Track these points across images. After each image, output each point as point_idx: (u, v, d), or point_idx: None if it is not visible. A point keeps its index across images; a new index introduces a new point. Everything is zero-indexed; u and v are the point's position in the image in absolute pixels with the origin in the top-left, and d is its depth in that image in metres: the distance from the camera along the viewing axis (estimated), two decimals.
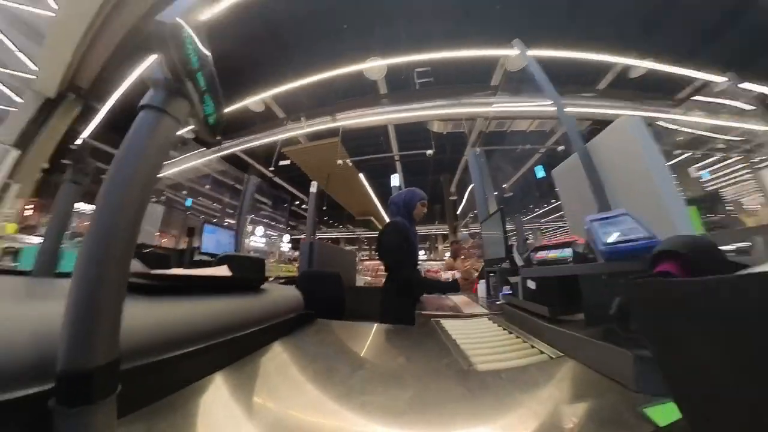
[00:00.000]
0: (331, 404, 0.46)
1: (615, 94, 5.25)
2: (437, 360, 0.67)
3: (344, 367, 0.59)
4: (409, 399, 0.47)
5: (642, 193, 0.90)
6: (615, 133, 1.02)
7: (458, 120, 7.28)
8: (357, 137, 7.80)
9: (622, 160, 0.98)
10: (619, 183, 0.99)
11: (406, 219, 1.65)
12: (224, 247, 3.30)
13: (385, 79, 6.38)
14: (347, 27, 6.16)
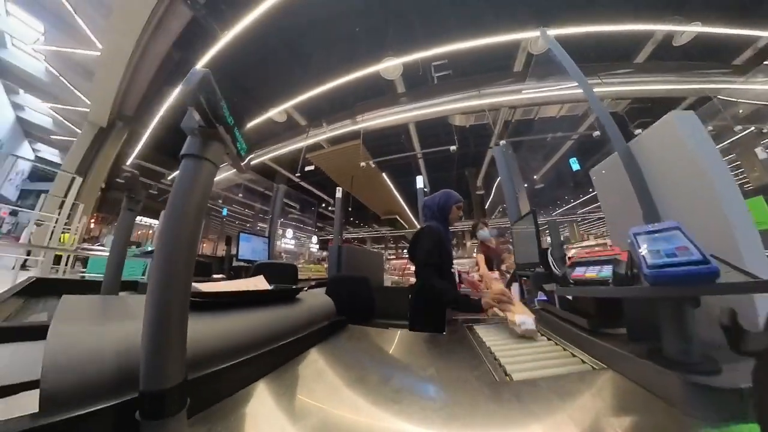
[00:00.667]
0: (367, 411, 0.48)
1: (657, 67, 4.68)
2: (468, 371, 0.65)
3: (375, 376, 0.60)
4: (442, 409, 0.48)
5: (696, 201, 0.78)
6: (663, 130, 0.88)
7: (480, 112, 6.98)
8: (378, 138, 7.82)
9: (673, 162, 0.85)
10: (669, 188, 0.87)
11: (440, 223, 1.60)
12: (259, 254, 3.47)
13: (402, 77, 6.30)
14: (360, 29, 6.18)
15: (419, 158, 8.66)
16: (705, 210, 0.73)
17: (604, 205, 1.27)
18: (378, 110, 7.14)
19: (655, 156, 0.92)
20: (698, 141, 0.78)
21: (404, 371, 0.66)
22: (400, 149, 8.26)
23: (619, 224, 1.13)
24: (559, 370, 0.63)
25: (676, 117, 0.82)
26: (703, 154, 0.76)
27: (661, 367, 0.48)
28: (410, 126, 7.84)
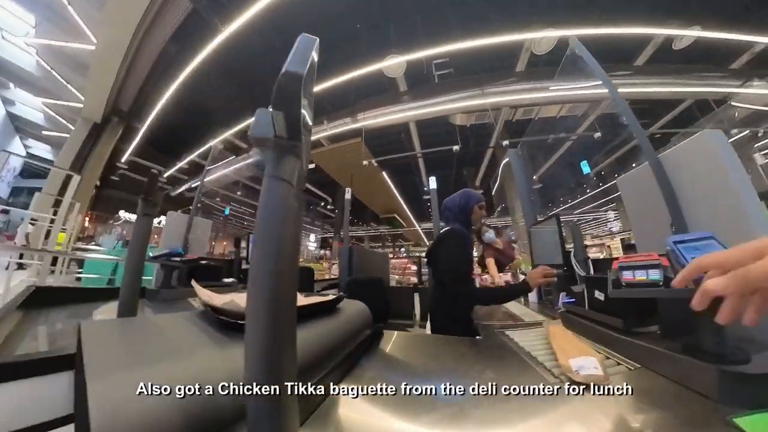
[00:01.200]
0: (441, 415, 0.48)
1: (657, 70, 4.79)
2: (525, 374, 0.67)
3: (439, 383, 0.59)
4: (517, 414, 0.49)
5: (723, 212, 0.84)
6: (695, 146, 0.95)
7: (482, 111, 7.02)
8: (379, 136, 7.79)
9: (703, 176, 0.91)
10: (697, 199, 0.93)
11: (463, 225, 1.51)
12: None
13: (404, 75, 6.29)
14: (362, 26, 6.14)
15: (419, 157, 8.69)
16: (731, 221, 0.80)
17: (630, 212, 1.34)
18: (379, 108, 7.11)
19: (686, 169, 0.98)
20: (728, 157, 0.85)
21: (463, 378, 0.67)
22: (401, 147, 8.26)
23: (645, 230, 1.20)
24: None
25: (708, 135, 0.89)
26: (731, 169, 0.83)
27: (699, 361, 0.53)
28: (411, 125, 7.84)
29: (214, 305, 0.54)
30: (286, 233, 0.28)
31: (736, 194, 0.80)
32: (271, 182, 0.28)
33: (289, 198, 0.28)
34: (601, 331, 0.85)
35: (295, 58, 0.28)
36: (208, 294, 0.67)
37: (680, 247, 0.64)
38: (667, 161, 1.05)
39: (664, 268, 0.69)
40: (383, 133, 7.68)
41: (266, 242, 0.28)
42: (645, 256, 0.80)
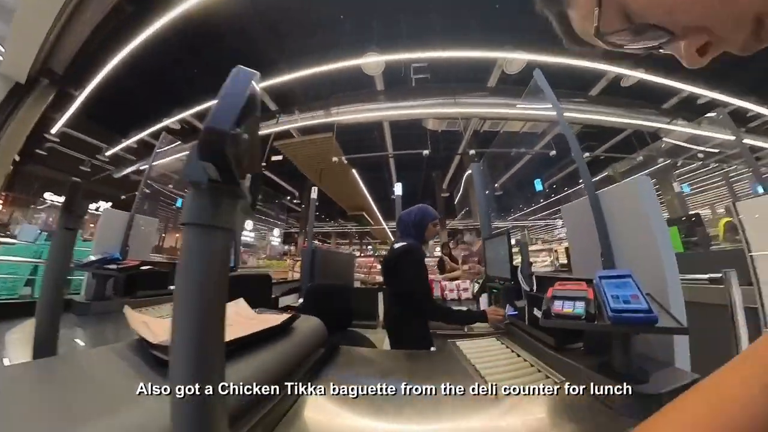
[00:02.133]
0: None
1: (607, 101, 5.48)
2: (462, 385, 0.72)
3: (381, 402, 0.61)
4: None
5: (642, 250, 0.99)
6: (628, 189, 1.09)
7: (453, 119, 7.34)
8: (351, 132, 7.69)
9: (630, 219, 1.05)
10: (624, 237, 1.07)
11: (417, 239, 1.59)
12: None
13: (382, 75, 6.28)
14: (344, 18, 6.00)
15: (390, 158, 8.78)
16: (647, 261, 0.95)
17: (569, 239, 1.48)
18: (354, 105, 7.03)
19: (618, 208, 1.10)
20: (651, 205, 1.00)
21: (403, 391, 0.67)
22: (373, 145, 8.26)
23: (581, 255, 1.33)
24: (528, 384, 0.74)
25: (639, 180, 1.04)
26: (652, 217, 0.98)
27: (608, 378, 0.63)
28: (385, 125, 7.88)
29: (148, 339, 0.47)
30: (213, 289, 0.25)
31: (653, 239, 0.95)
32: (206, 231, 0.25)
33: (224, 249, 0.26)
34: (537, 345, 0.96)
35: (222, 107, 0.24)
36: (143, 320, 0.59)
37: (604, 282, 0.75)
38: (604, 198, 1.14)
39: (588, 301, 0.80)
40: (356, 130, 7.60)
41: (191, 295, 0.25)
42: (575, 285, 0.92)
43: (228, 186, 0.24)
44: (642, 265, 0.94)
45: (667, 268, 0.90)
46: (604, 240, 1.09)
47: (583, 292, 0.85)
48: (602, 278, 0.77)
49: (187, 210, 0.24)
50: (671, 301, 0.85)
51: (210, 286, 0.25)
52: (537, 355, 0.93)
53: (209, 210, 0.24)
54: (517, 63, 5.51)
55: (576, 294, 0.86)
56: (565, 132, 1.43)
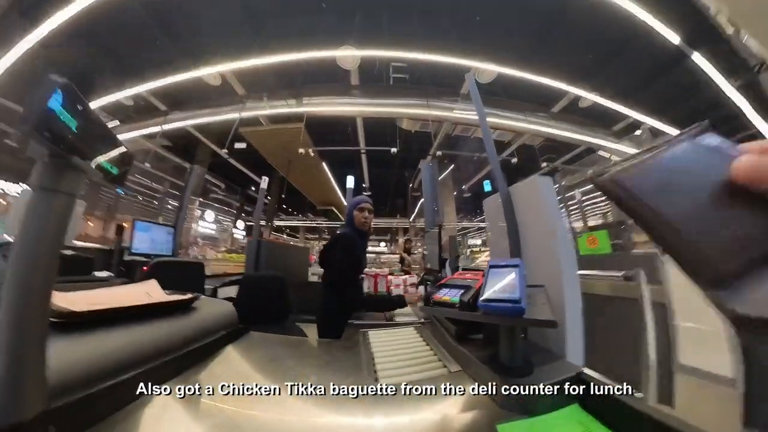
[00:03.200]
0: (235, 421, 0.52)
1: (565, 118, 5.89)
2: (345, 376, 0.74)
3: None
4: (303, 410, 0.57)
5: (543, 241, 1.04)
6: (531, 186, 1.15)
7: (426, 120, 7.45)
8: (322, 125, 7.49)
9: (534, 210, 1.10)
10: (529, 230, 1.12)
11: (350, 227, 1.63)
12: (160, 247, 2.87)
13: (358, 69, 6.20)
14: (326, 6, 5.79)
15: (362, 153, 8.70)
16: (547, 248, 0.99)
17: (489, 230, 1.53)
18: (327, 96, 6.87)
19: (524, 203, 1.15)
20: (550, 202, 1.05)
21: (282, 379, 0.68)
22: (345, 139, 8.14)
23: (498, 247, 1.40)
24: (420, 375, 0.76)
25: (539, 179, 1.08)
26: (551, 209, 1.03)
27: (493, 371, 0.63)
28: (358, 120, 7.80)
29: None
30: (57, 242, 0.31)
31: (552, 234, 0.99)
32: (47, 195, 0.31)
33: (65, 208, 0.32)
34: (444, 335, 0.97)
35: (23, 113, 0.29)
36: None
37: (490, 272, 0.74)
38: (515, 193, 1.21)
39: (468, 290, 0.79)
40: (328, 123, 7.44)
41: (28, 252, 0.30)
42: (472, 275, 0.96)
43: (62, 160, 0.30)
44: (542, 258, 1.00)
45: (563, 261, 0.91)
46: (513, 232, 1.15)
47: (471, 281, 0.87)
48: (492, 267, 0.76)
49: (32, 176, 0.30)
50: (567, 294, 0.87)
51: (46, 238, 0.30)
52: (445, 346, 0.93)
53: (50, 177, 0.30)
54: (488, 73, 5.71)
55: (463, 283, 0.88)
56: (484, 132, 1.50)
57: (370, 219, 1.64)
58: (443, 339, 0.97)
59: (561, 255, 0.93)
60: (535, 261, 1.03)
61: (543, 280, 0.91)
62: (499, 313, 0.62)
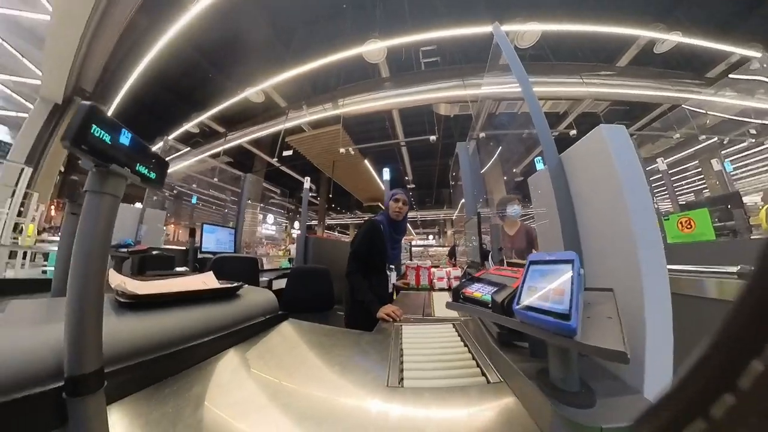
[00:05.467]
0: (256, 410, 0.53)
1: (638, 72, 4.72)
2: (366, 372, 0.69)
3: (275, 375, 0.65)
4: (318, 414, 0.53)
5: (611, 229, 0.71)
6: (595, 144, 0.78)
7: (464, 102, 6.88)
8: (361, 123, 7.60)
9: (599, 181, 0.76)
10: (592, 207, 0.80)
11: (385, 218, 1.67)
12: (224, 245, 3.35)
13: (386, 61, 6.06)
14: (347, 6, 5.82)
15: (402, 146, 8.55)
16: (618, 234, 0.67)
17: (537, 216, 1.20)
18: (361, 95, 6.91)
19: (583, 172, 0.84)
20: (623, 160, 0.69)
21: (305, 370, 0.70)
22: (384, 135, 8.10)
23: (548, 238, 1.07)
24: (453, 381, 0.65)
25: (606, 131, 0.74)
26: (626, 175, 0.67)
27: (542, 392, 0.50)
28: (394, 113, 7.66)
29: (118, 290, 0.64)
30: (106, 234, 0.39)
31: (625, 211, 0.65)
32: (95, 197, 0.38)
33: (111, 207, 0.39)
34: (485, 337, 0.83)
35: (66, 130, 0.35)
36: (122, 279, 0.76)
37: (531, 269, 0.58)
38: (570, 159, 0.88)
39: (503, 288, 0.64)
40: (365, 120, 7.50)
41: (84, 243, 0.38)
42: (510, 271, 0.79)
43: (103, 168, 0.38)
44: (610, 248, 0.70)
45: (644, 253, 0.61)
46: (567, 214, 0.85)
47: (509, 278, 0.72)
48: (532, 263, 0.59)
49: (87, 182, 0.38)
50: (649, 302, 0.58)
51: (98, 229, 0.38)
52: (486, 351, 0.80)
53: (97, 183, 0.38)
54: (529, 35, 4.95)
55: (500, 279, 0.74)
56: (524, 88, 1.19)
57: (404, 210, 1.68)
58: (485, 341, 0.84)
59: (641, 243, 0.61)
60: (598, 253, 0.75)
61: (611, 282, 0.64)
62: (540, 326, 0.47)
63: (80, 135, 0.35)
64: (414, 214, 13.49)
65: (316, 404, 0.56)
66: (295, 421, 0.50)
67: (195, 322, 0.66)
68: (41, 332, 0.44)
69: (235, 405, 0.52)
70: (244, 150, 8.12)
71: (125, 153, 0.41)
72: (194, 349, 0.62)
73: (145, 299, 0.65)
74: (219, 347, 0.70)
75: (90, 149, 0.36)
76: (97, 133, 0.36)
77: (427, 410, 0.54)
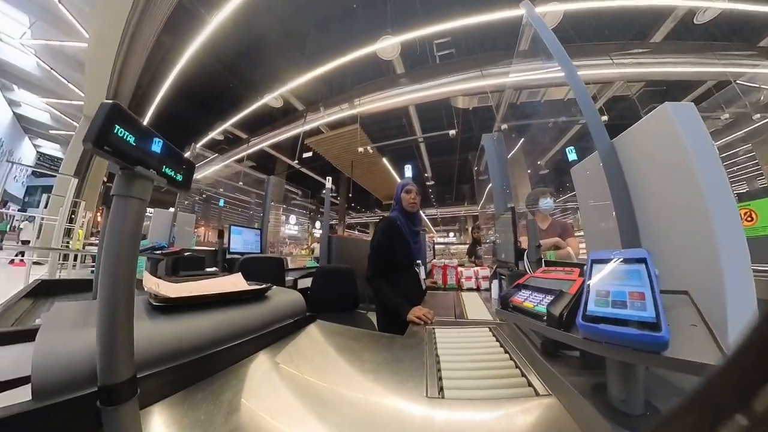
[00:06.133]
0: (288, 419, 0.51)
1: (676, 47, 4.26)
2: (403, 382, 0.65)
3: (306, 381, 0.64)
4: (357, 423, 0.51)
5: (681, 220, 0.62)
6: (658, 125, 0.68)
7: (483, 93, 6.62)
8: (378, 121, 7.58)
9: (663, 168, 0.67)
10: (656, 196, 0.70)
11: (399, 212, 1.56)
12: (251, 246, 3.49)
13: (400, 57, 5.98)
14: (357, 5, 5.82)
15: (420, 142, 8.42)
16: (690, 227, 0.59)
17: (582, 209, 1.09)
18: (376, 93, 6.88)
19: (641, 159, 0.74)
20: (692, 141, 0.60)
21: (337, 377, 0.68)
22: (402, 132, 8.02)
23: (594, 234, 0.97)
24: (498, 392, 0.60)
25: (673, 109, 0.64)
26: (697, 158, 0.59)
27: (598, 411, 0.43)
28: (411, 109, 7.56)
29: (152, 292, 0.65)
30: (135, 237, 0.37)
31: (698, 199, 0.56)
32: (122, 201, 0.37)
33: (138, 210, 0.38)
34: (527, 346, 0.76)
35: (88, 129, 0.32)
36: (155, 282, 0.77)
37: (595, 268, 0.50)
38: (624, 146, 0.79)
39: (561, 296, 0.56)
40: (383, 118, 7.47)
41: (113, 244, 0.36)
42: (564, 273, 0.68)
43: (128, 171, 0.36)
44: (680, 244, 0.61)
45: (726, 248, 0.52)
46: (623, 205, 0.76)
47: (563, 282, 0.62)
48: (595, 262, 0.52)
49: (114, 187, 0.37)
50: (730, 305, 0.48)
51: (126, 234, 0.36)
52: (528, 357, 0.74)
53: (125, 186, 0.37)
54: (550, 17, 4.66)
55: (551, 284, 0.64)
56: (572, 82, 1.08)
57: (418, 200, 1.57)
58: (525, 347, 0.78)
59: (721, 239, 0.52)
60: (664, 251, 0.64)
61: (682, 283, 0.54)
62: (617, 341, 0.38)
63: (102, 135, 0.33)
64: (434, 211, 13.24)
65: (354, 414, 0.53)
66: (333, 430, 0.48)
67: (226, 324, 0.66)
68: (78, 336, 0.44)
69: (269, 411, 0.51)
70: (265, 154, 8.42)
71: (150, 154, 0.39)
72: (225, 353, 0.62)
73: (178, 302, 0.65)
74: (249, 350, 0.69)
75: (114, 150, 0.34)
76: (120, 133, 0.35)
77: (474, 425, 0.50)
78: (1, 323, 0.76)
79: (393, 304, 1.29)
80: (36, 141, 8.96)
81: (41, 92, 5.64)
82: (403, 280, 1.47)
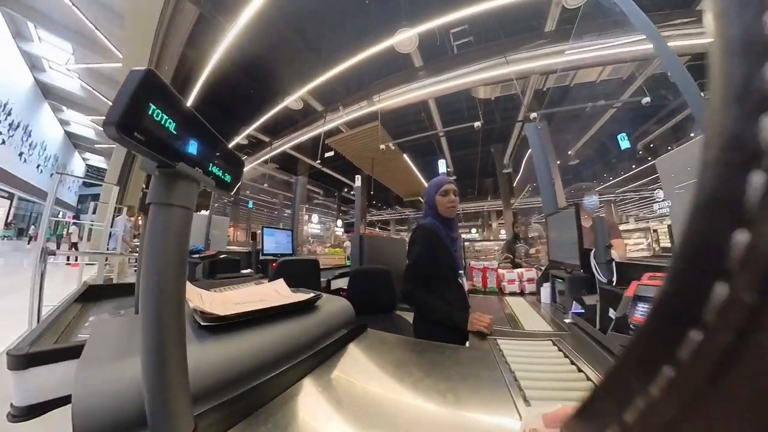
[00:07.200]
0: None
1: None
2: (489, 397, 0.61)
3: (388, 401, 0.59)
4: None
5: None
6: None
7: (507, 81, 6.29)
8: (398, 117, 7.48)
9: None
10: None
11: (434, 217, 1.37)
12: (283, 247, 3.51)
13: (418, 49, 5.82)
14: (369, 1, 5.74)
15: (441, 136, 8.21)
16: None
17: (672, 207, 1.05)
18: (395, 88, 6.76)
19: None
20: None
21: (411, 396, 0.62)
22: (422, 127, 7.87)
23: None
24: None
25: None
26: None
27: None
28: (430, 103, 7.38)
29: (195, 308, 0.60)
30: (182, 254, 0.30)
31: None
32: (162, 210, 0.28)
33: (182, 223, 0.29)
34: (608, 360, 0.70)
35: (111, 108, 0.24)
36: (198, 293, 0.72)
37: None
38: None
39: None
40: (402, 114, 7.36)
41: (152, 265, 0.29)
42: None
43: (168, 169, 0.27)
44: None
45: None
46: None
47: None
48: None
49: (149, 193, 0.28)
50: None
51: (168, 253, 0.28)
52: (599, 370, 0.70)
53: (164, 191, 0.28)
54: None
55: None
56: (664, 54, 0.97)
57: (456, 202, 1.36)
58: (603, 363, 0.74)
59: None
60: None
61: None
62: None
63: (130, 117, 0.22)
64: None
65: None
66: None
67: (279, 342, 0.60)
68: (123, 370, 0.39)
69: None
70: (287, 156, 8.61)
71: (196, 147, 0.30)
72: (282, 376, 0.55)
73: (227, 319, 0.59)
74: (306, 368, 0.63)
75: (147, 140, 0.23)
76: (157, 115, 0.24)
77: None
78: (54, 329, 0.74)
79: (446, 317, 1.17)
80: (84, 155, 9.90)
81: (86, 111, 6.13)
82: (446, 294, 1.29)
